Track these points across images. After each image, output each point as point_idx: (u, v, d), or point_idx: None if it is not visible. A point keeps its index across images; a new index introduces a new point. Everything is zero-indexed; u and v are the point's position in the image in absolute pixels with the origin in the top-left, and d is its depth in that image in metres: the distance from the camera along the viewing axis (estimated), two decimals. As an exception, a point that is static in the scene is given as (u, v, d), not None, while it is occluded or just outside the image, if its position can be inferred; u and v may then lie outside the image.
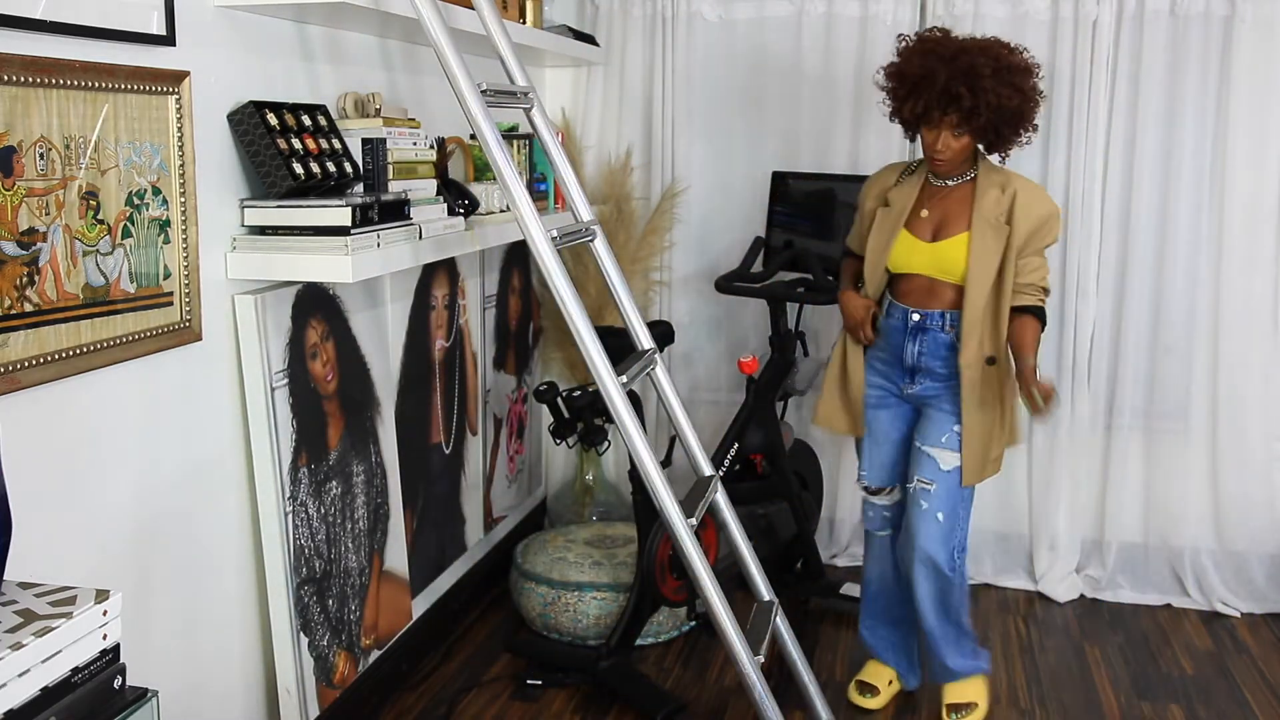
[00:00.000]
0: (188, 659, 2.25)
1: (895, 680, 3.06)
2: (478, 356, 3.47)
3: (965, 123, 2.63)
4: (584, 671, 3.07)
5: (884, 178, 2.91)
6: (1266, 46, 3.49)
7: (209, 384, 2.27)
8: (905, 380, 2.85)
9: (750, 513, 3.57)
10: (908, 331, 2.80)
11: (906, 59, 2.68)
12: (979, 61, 2.59)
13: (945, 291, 2.76)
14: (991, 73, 2.59)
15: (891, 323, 2.84)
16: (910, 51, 2.69)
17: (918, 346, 2.80)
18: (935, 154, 2.70)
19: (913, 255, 2.77)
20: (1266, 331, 3.61)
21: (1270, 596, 3.67)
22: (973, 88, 2.58)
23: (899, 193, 2.83)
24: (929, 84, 2.61)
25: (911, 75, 2.65)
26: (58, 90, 1.82)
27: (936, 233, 2.76)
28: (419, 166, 2.71)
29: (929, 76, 2.61)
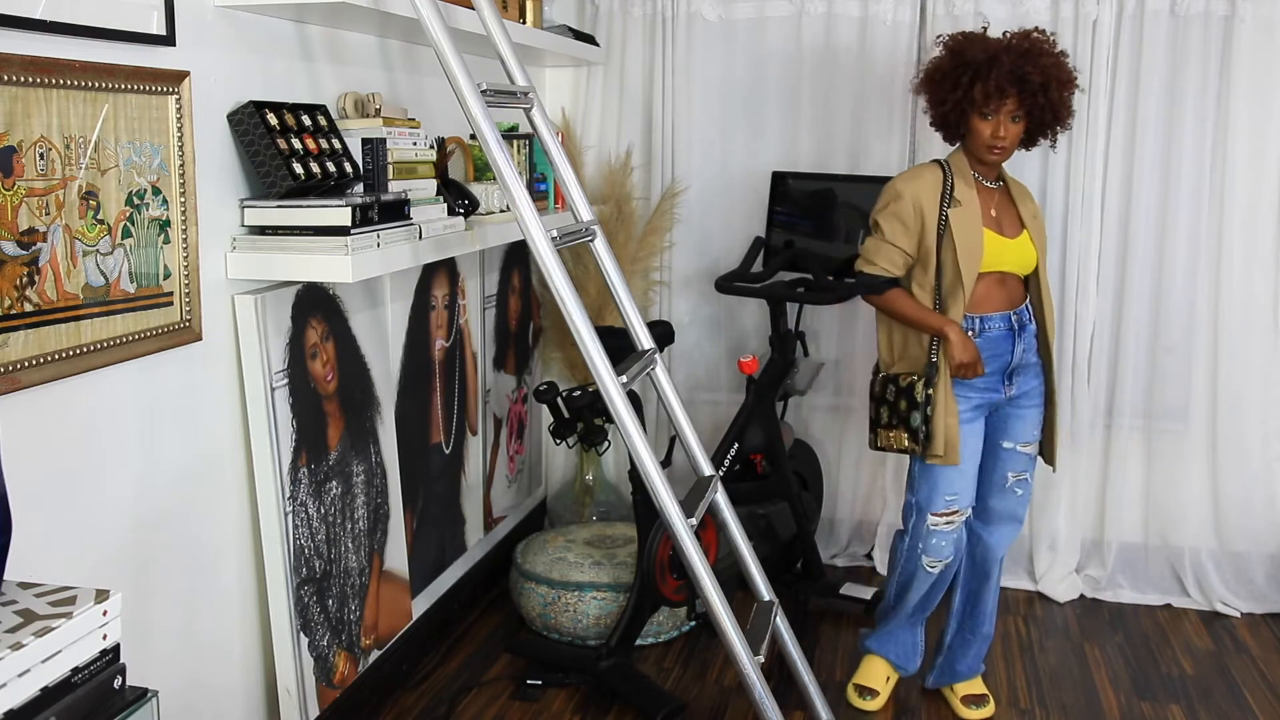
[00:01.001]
0: (188, 659, 2.25)
1: (892, 674, 3.06)
2: (478, 356, 3.47)
3: (1027, 104, 2.69)
4: (584, 671, 3.07)
5: (929, 179, 2.79)
6: (1266, 46, 3.49)
7: (209, 384, 2.27)
8: (1006, 384, 2.84)
9: (750, 513, 3.57)
10: (1016, 334, 2.81)
11: (964, 46, 2.71)
12: (1037, 43, 2.71)
13: (1018, 286, 2.85)
14: (1050, 52, 2.72)
15: (992, 334, 2.79)
16: (963, 41, 2.74)
17: (1024, 345, 2.83)
18: (995, 143, 2.72)
19: (1003, 253, 2.79)
20: (1266, 331, 3.61)
21: (1270, 596, 3.67)
22: (1039, 65, 2.67)
23: (964, 192, 2.77)
24: (995, 64, 2.67)
25: (975, 59, 2.68)
26: (58, 90, 1.82)
27: (1006, 230, 2.82)
28: (419, 166, 2.71)
29: (994, 58, 2.67)
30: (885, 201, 2.82)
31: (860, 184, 3.64)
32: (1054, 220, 3.67)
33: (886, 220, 2.80)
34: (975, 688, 3.02)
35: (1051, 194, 3.67)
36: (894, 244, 2.79)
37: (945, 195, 2.76)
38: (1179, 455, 3.72)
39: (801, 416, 3.97)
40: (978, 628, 3.01)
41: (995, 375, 2.81)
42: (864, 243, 2.88)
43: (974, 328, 2.78)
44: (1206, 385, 3.67)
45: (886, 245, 2.80)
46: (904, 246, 2.79)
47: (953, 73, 2.72)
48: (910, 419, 2.78)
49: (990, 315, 2.79)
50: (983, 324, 2.79)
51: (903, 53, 3.72)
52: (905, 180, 2.82)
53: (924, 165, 2.86)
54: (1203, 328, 3.65)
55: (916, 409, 2.77)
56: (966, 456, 2.81)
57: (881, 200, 2.84)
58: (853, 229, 3.61)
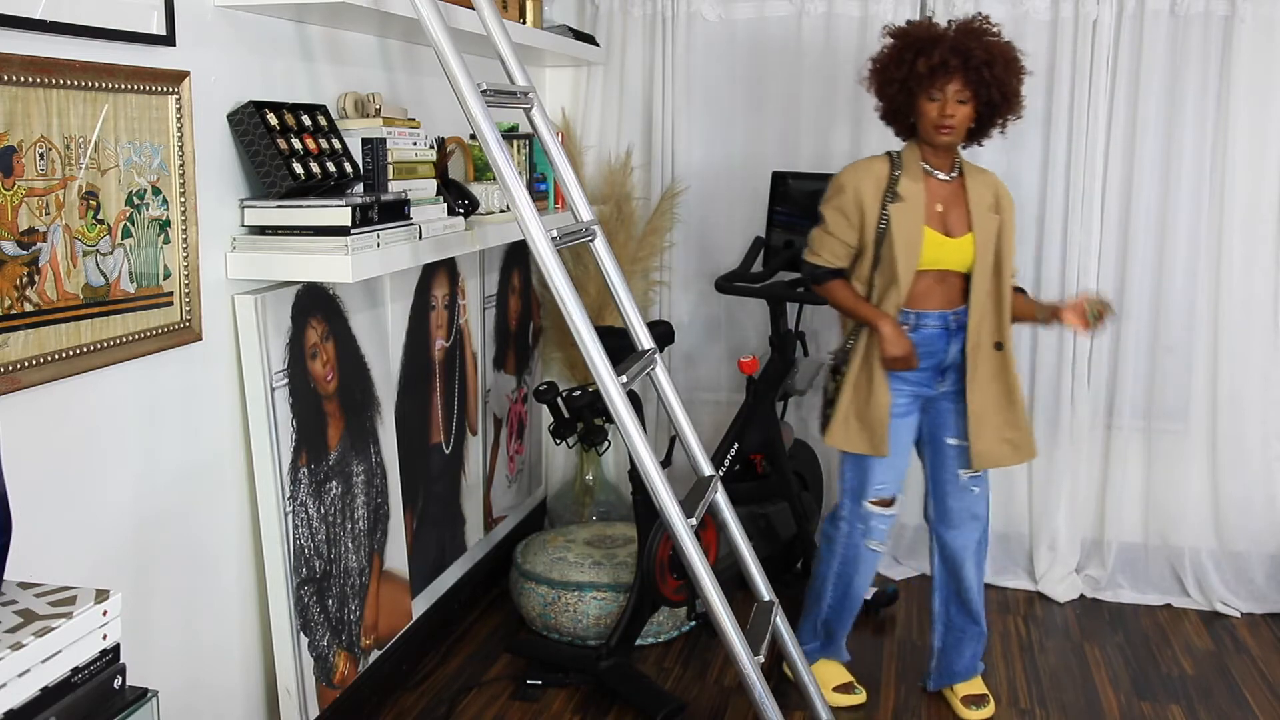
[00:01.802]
0: (188, 659, 2.25)
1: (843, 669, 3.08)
2: (478, 356, 3.47)
3: (973, 82, 2.67)
4: (584, 671, 3.07)
5: (873, 172, 2.79)
6: (1266, 46, 3.49)
7: (209, 384, 2.27)
8: (938, 379, 2.86)
9: (750, 513, 3.57)
10: (952, 333, 2.82)
11: (908, 30, 2.73)
12: (981, 25, 2.73)
13: (958, 284, 2.82)
14: (997, 35, 2.73)
15: (927, 331, 2.80)
16: (907, 27, 2.75)
17: (958, 344, 2.83)
18: (942, 121, 2.70)
19: (943, 252, 2.77)
20: (1266, 331, 3.61)
21: (1270, 596, 3.67)
22: (982, 43, 2.68)
23: (909, 187, 2.76)
24: (939, 41, 2.67)
25: (918, 37, 2.69)
26: (58, 90, 1.82)
27: (951, 227, 2.79)
28: (419, 166, 2.71)
29: (937, 37, 2.68)
30: (830, 193, 2.84)
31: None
32: (1054, 220, 3.68)
33: (830, 212, 2.82)
34: (975, 688, 3.02)
35: (1051, 194, 3.67)
36: (836, 236, 2.81)
37: (888, 189, 2.76)
38: (1179, 455, 3.72)
39: (801, 416, 3.97)
40: (967, 626, 3.00)
41: (928, 371, 2.83)
42: (811, 232, 2.89)
43: (910, 323, 2.79)
44: (1206, 385, 3.67)
45: (829, 237, 2.82)
46: (845, 239, 2.81)
47: (897, 56, 2.73)
48: (825, 406, 2.90)
49: (927, 312, 2.80)
50: (919, 319, 2.80)
51: (903, 53, 3.72)
52: (850, 172, 2.83)
53: (873, 157, 2.86)
54: (1203, 328, 3.65)
55: (826, 396, 2.90)
56: (900, 449, 2.86)
57: (828, 191, 2.86)
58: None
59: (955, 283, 2.81)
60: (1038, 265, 3.71)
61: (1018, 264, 3.63)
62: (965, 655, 3.02)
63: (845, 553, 2.95)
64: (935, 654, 3.06)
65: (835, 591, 3.00)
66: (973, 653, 3.02)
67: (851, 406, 2.82)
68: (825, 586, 3.01)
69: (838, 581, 2.98)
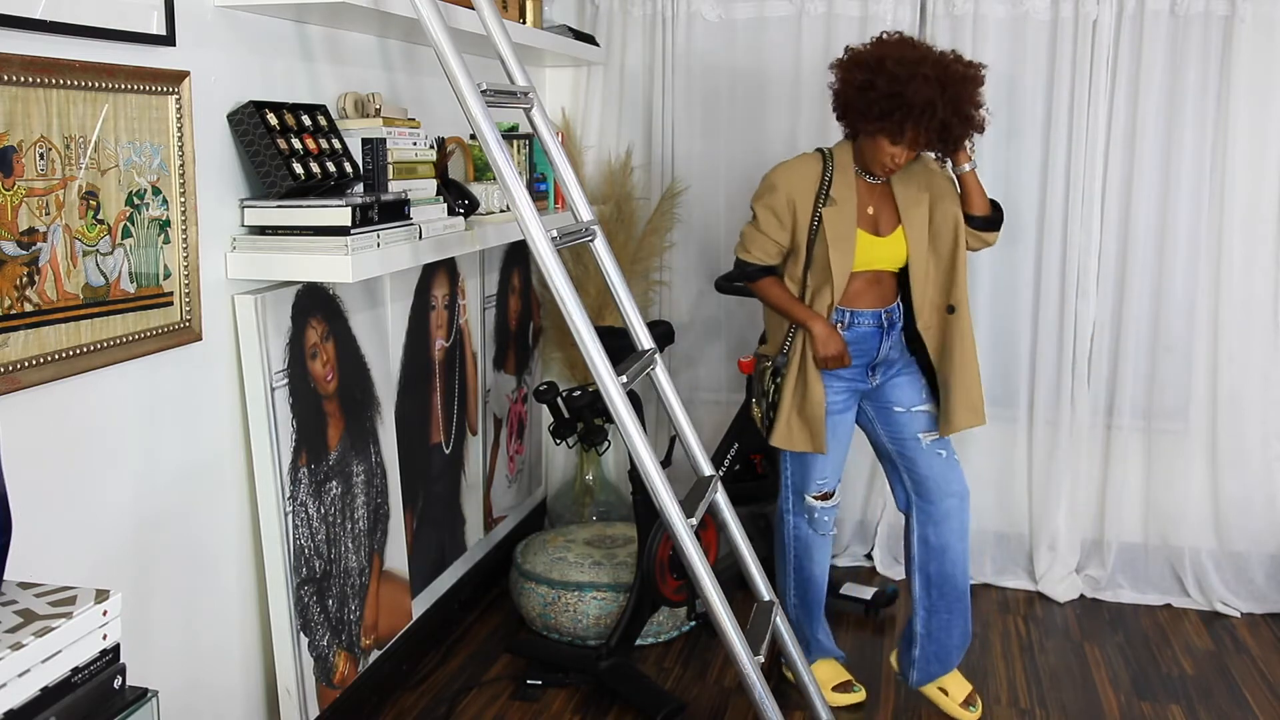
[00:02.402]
0: (188, 659, 2.25)
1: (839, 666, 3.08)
2: (478, 356, 3.47)
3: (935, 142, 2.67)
4: (584, 671, 3.07)
5: (806, 172, 2.77)
6: (1266, 46, 3.49)
7: (209, 384, 2.27)
8: (869, 376, 2.90)
9: (750, 513, 3.57)
10: (885, 332, 2.85)
11: (905, 82, 2.58)
12: (966, 93, 2.64)
13: (891, 282, 2.86)
14: (973, 102, 2.67)
15: (861, 329, 2.83)
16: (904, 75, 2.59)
17: (890, 342, 2.87)
18: (893, 165, 2.71)
19: (874, 252, 2.80)
20: (1266, 331, 3.61)
21: (1270, 596, 3.67)
22: (961, 118, 2.64)
23: (841, 190, 2.76)
24: (930, 115, 2.60)
25: (916, 103, 2.59)
26: (58, 90, 1.82)
27: (881, 227, 2.82)
28: (419, 166, 2.71)
29: (930, 108, 2.59)
30: (761, 191, 2.84)
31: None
32: (1054, 220, 3.67)
33: (761, 211, 2.82)
34: (963, 686, 2.96)
35: (1051, 194, 3.67)
36: (767, 234, 2.81)
37: (821, 192, 2.76)
38: (1179, 455, 3.72)
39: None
40: (953, 604, 2.91)
41: (861, 368, 2.87)
42: (743, 228, 2.89)
43: (844, 320, 2.82)
44: (1206, 385, 3.67)
45: (760, 235, 2.82)
46: (776, 238, 2.82)
47: (886, 104, 2.61)
48: (760, 402, 2.90)
49: (861, 311, 2.82)
50: (853, 318, 2.82)
51: (903, 53, 3.72)
52: (782, 172, 2.82)
53: (806, 156, 2.86)
54: (1203, 328, 3.65)
55: (764, 396, 2.88)
56: (839, 444, 2.90)
57: (759, 189, 2.85)
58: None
59: (889, 281, 2.85)
60: (1038, 265, 3.71)
61: (1018, 264, 3.68)
62: (955, 634, 2.93)
63: (796, 544, 3.00)
64: (919, 642, 2.95)
65: (797, 586, 3.02)
66: (962, 630, 2.93)
67: (792, 406, 2.84)
68: (787, 583, 3.04)
69: (797, 575, 3.01)
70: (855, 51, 2.72)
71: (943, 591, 2.91)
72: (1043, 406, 3.75)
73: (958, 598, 2.91)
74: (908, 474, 2.95)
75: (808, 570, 3.01)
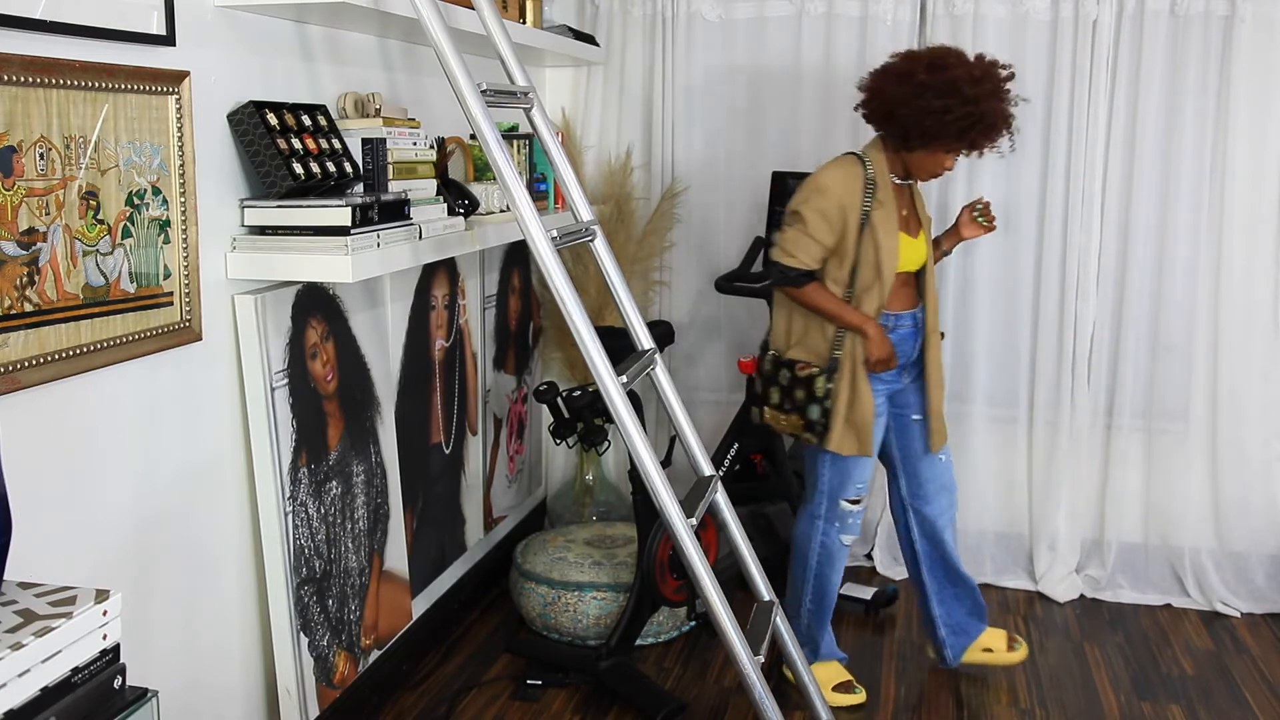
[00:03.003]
0: (188, 659, 2.25)
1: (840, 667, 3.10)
2: (478, 356, 3.47)
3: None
4: (584, 671, 3.07)
5: (855, 175, 2.80)
6: (1267, 46, 3.49)
7: (209, 384, 2.27)
8: (902, 378, 2.96)
9: (750, 513, 3.57)
10: (918, 333, 2.92)
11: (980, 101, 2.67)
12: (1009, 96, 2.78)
13: (914, 283, 2.93)
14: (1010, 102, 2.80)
15: (902, 331, 2.89)
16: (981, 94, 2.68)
17: (918, 341, 2.94)
18: (941, 174, 2.84)
19: (907, 253, 2.85)
20: (1266, 331, 3.61)
21: (1270, 596, 3.67)
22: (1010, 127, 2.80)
23: (884, 192, 2.81)
24: (1002, 127, 2.76)
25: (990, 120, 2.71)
26: (58, 90, 1.82)
27: (910, 228, 2.89)
28: (419, 166, 2.71)
29: (1003, 120, 2.75)
30: (808, 194, 2.82)
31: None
32: (1054, 220, 3.68)
33: (811, 214, 2.79)
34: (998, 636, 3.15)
35: (1051, 194, 3.67)
36: (815, 238, 2.80)
37: (868, 193, 2.79)
38: (1179, 455, 3.72)
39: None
40: (958, 583, 3.09)
41: (896, 371, 2.92)
42: (783, 233, 2.85)
43: (890, 324, 2.86)
44: (1206, 385, 3.67)
45: (807, 239, 2.80)
46: (825, 242, 2.80)
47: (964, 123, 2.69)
48: (808, 410, 2.86)
49: (900, 313, 2.88)
50: (896, 320, 2.87)
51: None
52: (831, 175, 2.82)
53: (847, 159, 2.86)
54: (1203, 327, 3.65)
55: (815, 402, 2.85)
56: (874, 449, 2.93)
57: (804, 193, 2.83)
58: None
59: (913, 283, 2.92)
60: (1038, 265, 3.71)
61: (1018, 264, 3.72)
62: (966, 605, 3.10)
63: (822, 552, 3.00)
64: (939, 625, 3.11)
65: (814, 591, 3.02)
66: (971, 600, 3.10)
67: (848, 411, 2.85)
68: (803, 588, 3.03)
69: (816, 581, 3.01)
70: (923, 79, 2.70)
71: (946, 571, 3.08)
72: (1042, 407, 3.75)
73: (959, 575, 3.08)
74: (909, 476, 3.02)
75: (827, 577, 3.02)
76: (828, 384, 2.83)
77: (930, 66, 2.71)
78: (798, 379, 2.88)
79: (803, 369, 2.87)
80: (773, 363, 2.95)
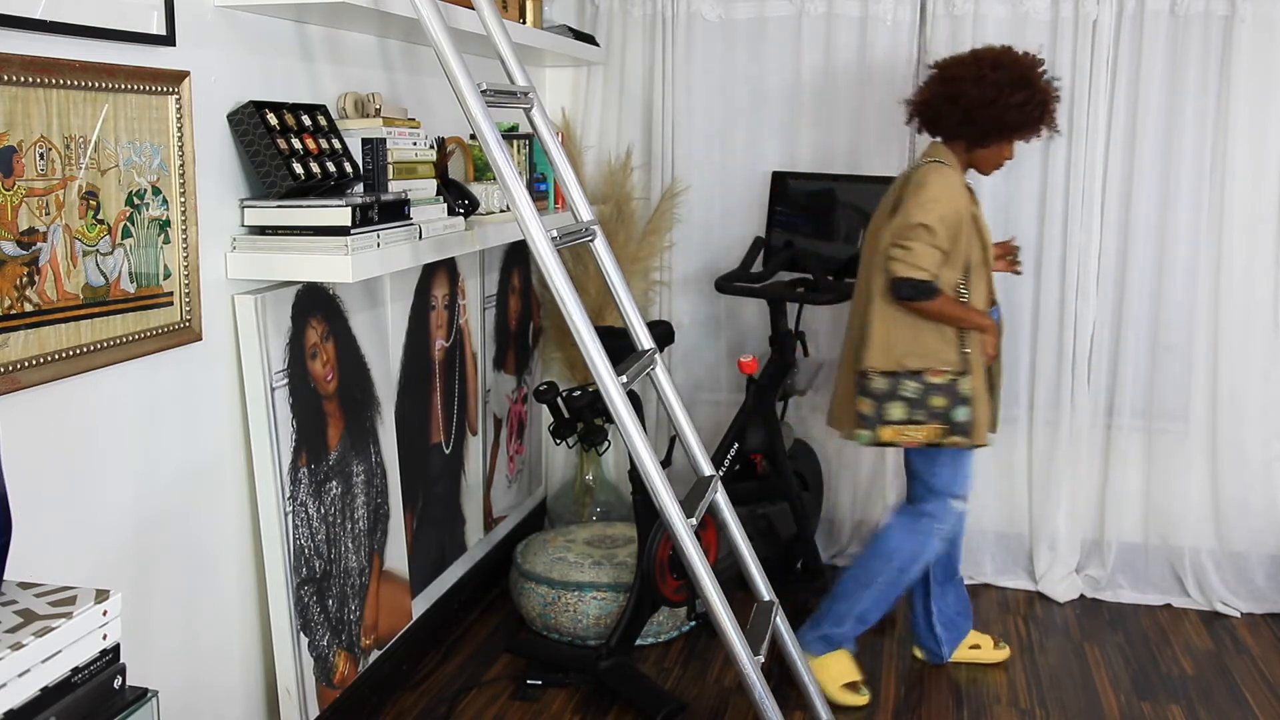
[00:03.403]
0: (188, 659, 2.25)
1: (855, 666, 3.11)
2: (478, 356, 3.47)
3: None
4: (584, 671, 3.07)
5: (957, 180, 2.88)
6: (1267, 46, 3.49)
7: (209, 384, 2.27)
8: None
9: (750, 513, 3.57)
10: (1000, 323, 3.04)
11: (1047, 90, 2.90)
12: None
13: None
14: None
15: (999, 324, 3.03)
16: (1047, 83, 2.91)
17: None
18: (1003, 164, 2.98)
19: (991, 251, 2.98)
20: (1266, 331, 3.61)
21: (1270, 596, 3.67)
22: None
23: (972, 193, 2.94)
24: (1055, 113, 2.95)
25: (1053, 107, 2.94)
26: (58, 90, 1.82)
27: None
28: (419, 166, 2.71)
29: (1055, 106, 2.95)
30: (925, 205, 2.79)
31: (860, 184, 3.64)
32: (1054, 220, 3.68)
33: (936, 222, 2.78)
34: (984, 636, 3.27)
35: (1051, 194, 3.67)
36: (938, 246, 2.80)
37: (969, 195, 2.91)
38: (1179, 455, 3.72)
39: (801, 416, 3.97)
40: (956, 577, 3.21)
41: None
42: (907, 248, 2.77)
43: (996, 319, 2.97)
44: (1206, 385, 3.67)
45: (932, 249, 2.78)
46: (945, 249, 2.82)
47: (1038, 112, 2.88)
48: (953, 413, 2.86)
49: (992, 307, 2.98)
50: (994, 314, 2.98)
51: (903, 52, 3.72)
52: (941, 184, 2.83)
53: (941, 167, 2.88)
54: (1203, 327, 3.65)
55: (963, 404, 2.86)
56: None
57: (920, 205, 2.79)
58: (852, 229, 3.61)
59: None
60: (1038, 266, 3.71)
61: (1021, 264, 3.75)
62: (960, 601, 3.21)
63: (922, 550, 3.01)
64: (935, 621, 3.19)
65: (892, 586, 3.02)
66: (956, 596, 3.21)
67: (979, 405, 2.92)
68: (877, 579, 3.02)
69: (899, 576, 3.01)
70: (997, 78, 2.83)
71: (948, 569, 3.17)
72: (1043, 407, 3.75)
73: (956, 572, 3.20)
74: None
75: (912, 575, 3.03)
76: (970, 384, 2.88)
77: (995, 65, 2.86)
78: (934, 386, 2.85)
79: (935, 375, 2.85)
80: (886, 379, 2.87)
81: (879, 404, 2.88)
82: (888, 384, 2.88)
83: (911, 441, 2.89)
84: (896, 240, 2.79)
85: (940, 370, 2.85)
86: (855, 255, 3.58)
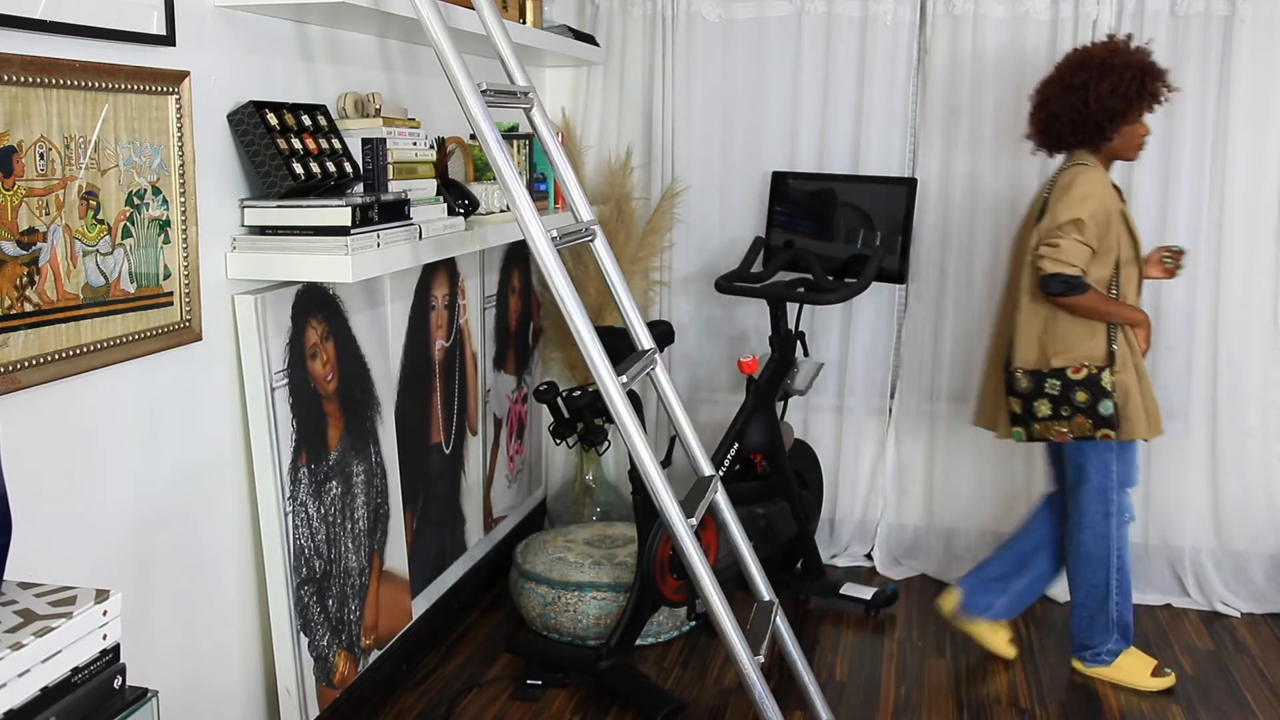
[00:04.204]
0: (188, 659, 2.25)
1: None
2: (478, 356, 3.47)
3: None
4: (584, 671, 3.07)
5: (1105, 179, 2.93)
6: (1267, 46, 3.49)
7: (209, 384, 2.27)
8: None
9: (750, 513, 3.57)
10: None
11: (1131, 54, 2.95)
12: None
13: None
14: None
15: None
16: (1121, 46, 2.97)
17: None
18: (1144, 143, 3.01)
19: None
20: (1266, 331, 3.61)
21: (1270, 596, 3.67)
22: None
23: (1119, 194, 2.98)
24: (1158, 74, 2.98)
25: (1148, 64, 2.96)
26: (58, 90, 1.82)
27: None
28: (419, 166, 2.71)
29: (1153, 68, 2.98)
30: (1079, 202, 2.87)
31: (860, 184, 3.64)
32: (1054, 220, 3.67)
33: (1089, 219, 2.86)
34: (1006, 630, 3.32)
35: (1051, 194, 3.67)
36: (1089, 243, 2.87)
37: (1119, 193, 2.95)
38: (1179, 455, 3.71)
39: (801, 416, 3.97)
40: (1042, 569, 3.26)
41: None
42: (1056, 245, 2.86)
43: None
44: (1206, 385, 3.67)
45: (1081, 245, 2.86)
46: (1094, 245, 2.88)
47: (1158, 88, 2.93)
48: (1100, 407, 2.92)
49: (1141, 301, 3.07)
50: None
51: (903, 53, 3.72)
52: (1092, 181, 2.91)
53: (1088, 168, 2.95)
54: (1203, 328, 3.65)
55: (1107, 397, 2.91)
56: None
57: (1072, 203, 2.87)
58: (852, 229, 3.61)
59: None
60: (1038, 265, 3.71)
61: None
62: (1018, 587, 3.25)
63: (1119, 543, 3.06)
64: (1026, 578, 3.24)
65: (1120, 581, 3.08)
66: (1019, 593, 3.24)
67: (1141, 397, 2.96)
68: (1108, 584, 3.08)
69: (1118, 572, 3.07)
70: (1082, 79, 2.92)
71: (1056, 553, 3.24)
72: (1043, 406, 3.75)
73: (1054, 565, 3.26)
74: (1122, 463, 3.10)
75: (1126, 563, 3.09)
76: (1113, 377, 2.92)
77: (1074, 68, 2.94)
78: (1075, 382, 2.94)
79: (1078, 371, 2.93)
80: (1030, 378, 2.98)
81: (1026, 402, 2.99)
82: (1032, 382, 2.97)
83: (1060, 437, 2.98)
84: (1045, 239, 2.88)
85: (1080, 366, 2.92)
86: (856, 255, 3.58)
